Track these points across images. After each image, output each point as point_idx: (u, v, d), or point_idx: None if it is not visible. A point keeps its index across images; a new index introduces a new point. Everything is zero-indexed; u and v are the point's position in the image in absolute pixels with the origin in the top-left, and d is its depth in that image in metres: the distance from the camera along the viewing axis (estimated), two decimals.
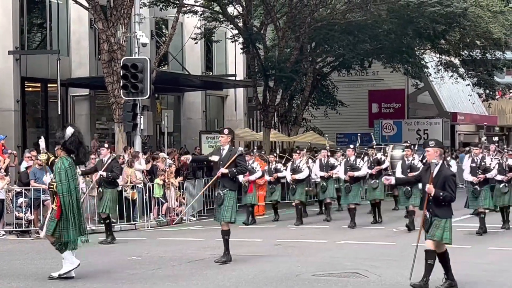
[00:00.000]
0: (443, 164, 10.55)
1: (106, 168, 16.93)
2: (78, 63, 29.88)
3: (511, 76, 78.71)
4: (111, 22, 23.72)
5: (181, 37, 34.55)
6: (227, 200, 13.26)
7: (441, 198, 10.31)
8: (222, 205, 13.30)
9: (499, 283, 11.02)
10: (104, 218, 17.28)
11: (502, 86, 51.38)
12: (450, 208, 10.54)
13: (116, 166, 17.24)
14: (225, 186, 13.32)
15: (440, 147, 10.65)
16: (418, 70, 37.93)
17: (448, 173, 10.50)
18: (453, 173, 10.69)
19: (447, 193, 10.31)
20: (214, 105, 39.31)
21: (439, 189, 10.31)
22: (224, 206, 13.27)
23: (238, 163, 13.33)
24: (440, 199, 10.33)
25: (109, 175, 16.93)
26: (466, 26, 34.49)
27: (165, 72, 30.94)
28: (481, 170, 17.21)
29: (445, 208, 10.46)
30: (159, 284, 11.39)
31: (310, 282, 11.24)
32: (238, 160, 13.33)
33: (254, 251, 14.94)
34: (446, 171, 10.51)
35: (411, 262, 13.05)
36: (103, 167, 16.95)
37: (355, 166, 19.46)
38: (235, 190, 13.57)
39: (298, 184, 20.80)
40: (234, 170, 13.25)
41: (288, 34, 32.60)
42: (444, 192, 10.30)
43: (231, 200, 13.28)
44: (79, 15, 29.28)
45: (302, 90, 34.88)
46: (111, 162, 17.02)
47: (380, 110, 45.24)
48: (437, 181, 10.36)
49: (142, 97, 22.17)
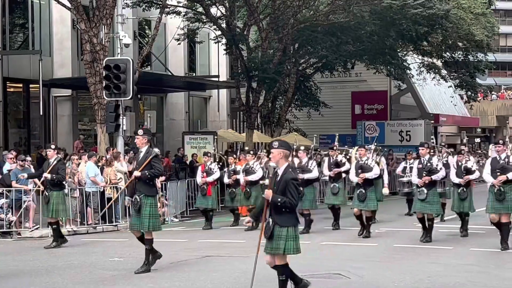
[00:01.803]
0: (287, 167, 9.55)
1: (51, 170, 16.18)
2: (60, 64, 29.77)
3: (493, 78, 79.27)
4: (94, 22, 23.64)
5: (164, 37, 34.49)
6: (143, 207, 12.54)
7: (279, 204, 9.39)
8: (139, 212, 12.60)
9: (482, 285, 11.06)
10: (52, 223, 16.54)
11: (484, 88, 51.69)
12: (293, 215, 9.59)
13: (62, 168, 16.42)
14: (140, 191, 12.64)
15: (287, 149, 9.65)
16: (401, 71, 38.01)
17: (289, 177, 9.46)
18: (294, 177, 9.57)
19: (286, 199, 9.35)
20: (197, 106, 39.27)
21: (280, 194, 9.40)
22: (141, 214, 12.57)
23: (153, 166, 12.60)
24: (278, 205, 9.41)
25: (54, 177, 16.17)
26: (448, 28, 34.63)
27: (148, 72, 30.87)
28: (426, 171, 16.04)
29: (287, 216, 9.51)
30: (140, 285, 11.36)
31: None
32: (153, 162, 12.61)
33: (237, 252, 14.93)
34: (288, 175, 9.48)
35: (394, 263, 13.13)
36: (49, 169, 16.26)
37: (305, 168, 18.42)
38: (153, 195, 12.78)
39: (252, 186, 19.72)
40: (146, 172, 12.53)
41: (271, 35, 32.60)
42: (283, 198, 9.35)
43: (148, 207, 12.54)
44: (62, 16, 29.16)
45: (285, 91, 34.90)
46: (57, 164, 16.24)
47: (363, 112, 45.33)
48: (279, 186, 9.47)
49: (125, 98, 22.09)
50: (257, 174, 19.71)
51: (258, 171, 19.75)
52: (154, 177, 12.81)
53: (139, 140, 12.77)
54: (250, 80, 32.36)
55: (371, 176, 17.20)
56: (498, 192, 14.72)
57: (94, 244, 17.15)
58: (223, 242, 16.66)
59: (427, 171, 16.00)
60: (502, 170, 14.79)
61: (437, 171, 16.08)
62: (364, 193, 17.06)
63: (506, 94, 70.77)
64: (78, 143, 28.17)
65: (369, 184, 17.25)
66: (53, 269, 13.06)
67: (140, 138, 12.72)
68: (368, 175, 17.11)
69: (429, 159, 16.19)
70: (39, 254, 15.14)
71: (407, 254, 14.23)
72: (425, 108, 47.99)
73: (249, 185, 19.64)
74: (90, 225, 19.89)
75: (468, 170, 17.04)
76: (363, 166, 17.26)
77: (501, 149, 14.98)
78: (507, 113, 65.05)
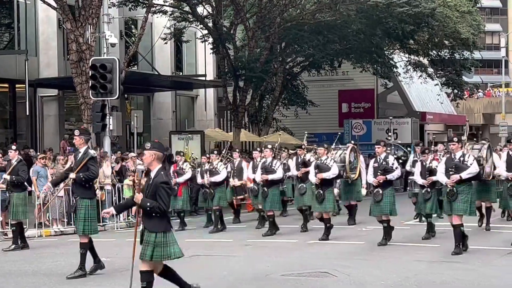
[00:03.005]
0: (160, 170, 9.07)
1: (12, 171, 15.89)
2: (46, 63, 29.70)
3: (479, 76, 79.56)
4: (80, 22, 23.60)
5: (150, 37, 34.46)
6: (78, 210, 12.28)
7: (148, 209, 8.98)
8: (76, 214, 12.40)
9: (468, 282, 11.10)
10: (14, 224, 16.11)
11: (470, 86, 51.85)
12: (163, 220, 9.12)
13: (22, 169, 16.01)
14: (76, 193, 12.41)
15: (159, 151, 9.18)
16: (387, 70, 38.15)
17: (159, 180, 8.98)
18: (165, 180, 9.05)
19: (155, 203, 8.91)
20: (184, 105, 39.24)
21: (151, 198, 8.96)
22: (77, 216, 12.35)
23: (89, 168, 12.24)
24: (147, 209, 9.00)
25: (13, 178, 15.86)
26: (435, 26, 34.77)
27: (134, 72, 30.84)
28: (380, 170, 15.22)
29: (157, 221, 9.05)
30: (126, 285, 11.31)
31: (279, 282, 11.25)
32: (89, 165, 12.23)
33: (224, 251, 14.93)
34: (159, 179, 9.00)
35: (380, 261, 13.16)
36: (9, 170, 15.99)
37: (269, 168, 17.57)
38: (89, 197, 12.38)
39: (216, 187, 18.89)
40: (81, 175, 12.16)
41: (258, 34, 32.63)
42: (153, 202, 8.91)
43: (83, 210, 12.20)
44: (48, 15, 29.09)
45: (272, 90, 34.93)
46: (17, 165, 15.90)
47: (350, 110, 45.43)
48: (150, 190, 9.04)
49: (111, 97, 22.04)
50: (221, 175, 18.93)
51: (222, 172, 18.99)
52: (88, 180, 12.35)
53: (76, 140, 12.46)
54: (237, 79, 32.37)
55: (328, 176, 16.34)
56: (450, 192, 13.77)
57: None
58: (210, 242, 16.65)
59: (381, 170, 15.25)
60: (456, 169, 13.85)
61: (392, 170, 15.31)
62: (322, 194, 16.21)
63: (492, 92, 71.10)
64: (64, 143, 28.08)
65: (327, 184, 16.38)
66: (39, 270, 13.02)
67: (77, 138, 12.39)
68: (325, 175, 16.28)
69: (385, 158, 15.43)
70: (26, 254, 15.07)
71: (394, 252, 14.25)
72: (411, 106, 48.14)
73: (213, 186, 18.82)
74: None
75: (431, 171, 15.92)
76: (320, 165, 16.45)
77: (455, 147, 14.02)
78: (493, 110, 65.32)
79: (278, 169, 17.64)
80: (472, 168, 13.90)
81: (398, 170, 15.50)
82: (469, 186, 14.02)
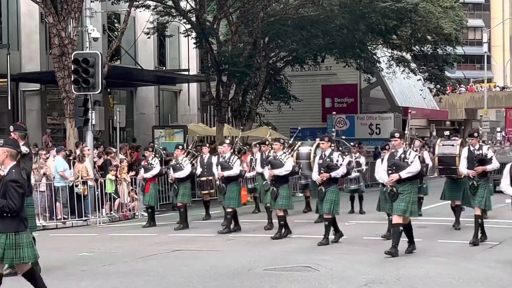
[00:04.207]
0: (12, 168, 8.62)
1: None
2: (28, 58, 29.52)
3: (461, 71, 79.92)
4: (62, 16, 23.48)
5: (133, 31, 34.35)
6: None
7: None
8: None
9: (449, 276, 11.17)
10: None
11: (453, 81, 52.11)
12: (14, 220, 8.56)
13: None
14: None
15: (13, 148, 8.74)
16: (370, 65, 38.21)
17: (9, 178, 8.53)
18: (14, 178, 8.52)
19: (5, 202, 8.42)
20: (167, 100, 39.16)
21: (2, 197, 8.49)
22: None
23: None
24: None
25: None
26: (417, 22, 34.90)
27: (117, 66, 30.73)
28: (323, 167, 14.65)
29: (8, 221, 8.52)
30: (110, 280, 11.32)
31: (262, 277, 11.28)
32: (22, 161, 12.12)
33: (206, 246, 14.94)
34: (9, 177, 8.55)
35: (362, 255, 13.22)
36: None
37: (225, 164, 17.11)
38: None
39: (180, 183, 18.44)
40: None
41: (241, 29, 32.61)
42: (3, 201, 8.43)
43: None
44: (30, 9, 28.91)
45: (256, 85, 34.92)
46: None
47: (333, 105, 45.50)
48: (1, 188, 8.55)
49: (94, 92, 21.95)
50: (184, 171, 18.41)
51: (185, 168, 18.46)
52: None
53: (11, 136, 11.86)
54: (220, 74, 32.34)
55: (280, 172, 15.58)
56: (390, 192, 13.07)
57: (63, 239, 17.07)
58: (193, 237, 16.66)
59: (325, 167, 14.63)
60: (395, 167, 13.01)
61: (336, 167, 14.63)
62: (275, 191, 15.57)
63: (474, 87, 71.44)
64: (46, 138, 27.96)
65: (281, 181, 15.67)
66: None
67: (12, 134, 11.85)
68: (277, 172, 15.58)
69: (330, 154, 14.77)
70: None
71: (376, 246, 14.30)
72: (394, 102, 48.30)
73: (177, 182, 18.45)
74: (59, 220, 19.78)
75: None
76: (272, 161, 15.81)
77: (397, 143, 13.10)
78: (475, 106, 65.67)
79: (235, 165, 17.10)
80: (412, 167, 12.97)
81: (343, 167, 14.79)
82: (411, 185, 13.10)
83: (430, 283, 10.76)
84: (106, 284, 11.03)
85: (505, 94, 68.74)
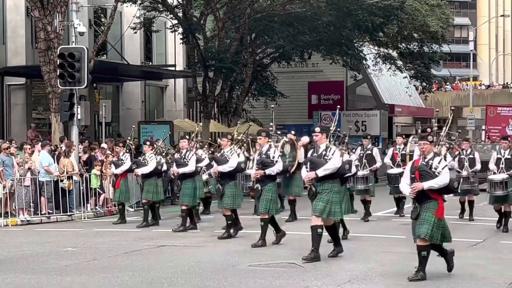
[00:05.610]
0: None
1: None
2: (14, 52, 29.41)
3: (447, 69, 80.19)
4: (48, 10, 23.39)
5: (120, 26, 34.25)
6: None
7: None
8: None
9: (432, 272, 11.20)
10: None
11: (439, 79, 52.30)
12: None
13: None
14: None
15: None
16: (357, 62, 38.26)
17: None
18: None
19: None
20: (153, 95, 39.10)
21: None
22: None
23: None
24: None
25: None
26: (404, 19, 34.98)
27: (103, 61, 30.63)
28: (258, 164, 14.01)
29: None
30: (94, 275, 11.30)
31: (246, 273, 11.28)
32: None
33: (192, 242, 14.93)
34: None
35: (347, 252, 13.24)
36: None
37: (180, 161, 16.75)
38: None
39: (145, 180, 18.04)
40: None
41: (228, 25, 32.59)
42: None
43: None
44: (15, 3, 28.81)
45: (242, 81, 34.91)
46: None
47: (320, 102, 45.49)
48: None
49: (79, 86, 21.85)
50: (148, 167, 17.89)
51: (150, 164, 17.87)
52: None
53: None
54: (206, 70, 32.32)
55: (224, 169, 14.96)
56: (309, 192, 12.23)
57: (48, 234, 17.01)
58: (177, 232, 16.62)
59: (259, 164, 13.89)
60: (312, 165, 12.11)
61: (272, 164, 13.79)
62: (220, 189, 15.01)
63: (460, 85, 71.70)
64: (31, 132, 27.85)
65: (226, 178, 15.06)
66: (5, 259, 12.94)
67: None
68: (221, 168, 14.98)
69: (267, 150, 13.91)
70: None
71: (361, 243, 14.35)
72: (380, 99, 48.36)
73: (142, 178, 18.14)
74: (43, 215, 19.72)
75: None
76: (216, 158, 15.37)
77: (318, 138, 12.15)
78: (461, 104, 65.89)
79: (191, 161, 16.66)
80: (329, 164, 11.99)
81: (278, 164, 13.91)
82: (332, 183, 12.16)
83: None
84: (91, 279, 11.01)
85: (491, 92, 69.06)
